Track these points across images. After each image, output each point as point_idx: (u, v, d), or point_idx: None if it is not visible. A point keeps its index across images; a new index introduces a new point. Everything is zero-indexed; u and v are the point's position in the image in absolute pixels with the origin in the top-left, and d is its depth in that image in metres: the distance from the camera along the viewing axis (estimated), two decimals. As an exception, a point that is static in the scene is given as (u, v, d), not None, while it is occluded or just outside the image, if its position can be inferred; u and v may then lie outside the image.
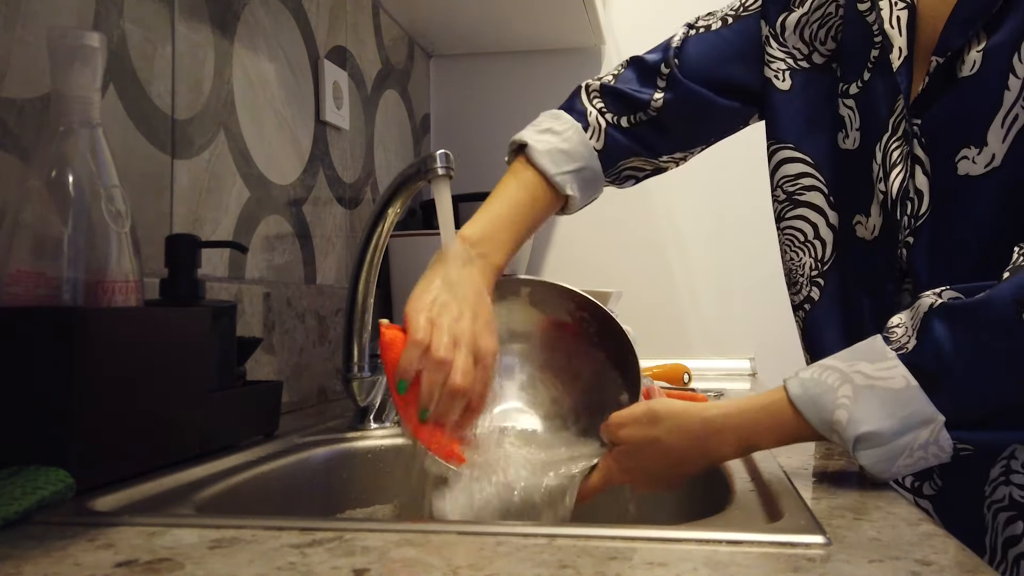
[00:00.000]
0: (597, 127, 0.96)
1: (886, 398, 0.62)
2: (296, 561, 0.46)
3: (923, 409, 0.61)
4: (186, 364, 0.74)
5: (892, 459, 0.62)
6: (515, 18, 1.80)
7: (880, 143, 0.81)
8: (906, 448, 0.61)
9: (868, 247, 0.84)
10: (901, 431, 0.61)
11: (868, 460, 0.62)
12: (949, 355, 0.61)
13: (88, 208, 0.66)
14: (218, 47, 1.07)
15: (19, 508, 0.54)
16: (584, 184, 0.95)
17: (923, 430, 0.61)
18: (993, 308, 0.61)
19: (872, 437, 0.62)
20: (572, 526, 0.53)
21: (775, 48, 0.92)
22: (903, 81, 0.79)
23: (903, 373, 0.62)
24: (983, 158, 0.74)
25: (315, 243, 1.34)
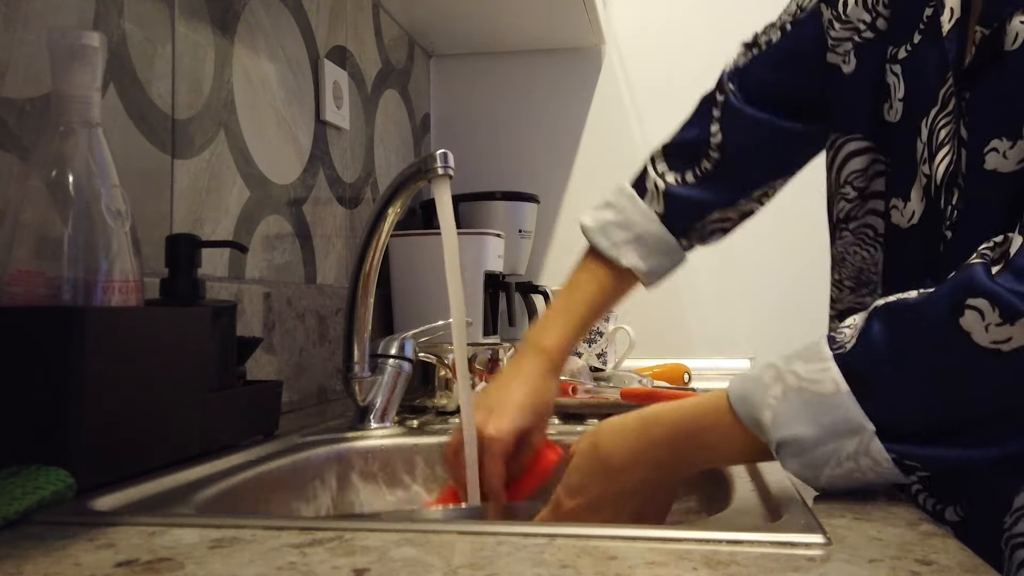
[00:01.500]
0: (655, 191, 0.91)
1: (812, 402, 0.57)
2: (296, 561, 0.46)
3: (850, 417, 0.56)
4: (186, 364, 0.74)
5: (816, 467, 0.57)
6: (515, 18, 1.80)
7: (927, 118, 0.71)
8: (831, 457, 0.57)
9: (902, 236, 0.75)
10: (824, 439, 0.57)
11: (792, 467, 0.58)
12: (881, 358, 0.56)
13: (88, 208, 0.66)
14: (218, 47, 1.07)
15: (19, 508, 0.54)
16: (647, 251, 0.89)
17: (849, 440, 0.56)
18: (928, 312, 0.56)
19: (793, 443, 0.58)
20: (572, 526, 0.53)
21: (838, 29, 0.81)
22: (952, 48, 0.68)
23: (834, 376, 0.57)
24: (1016, 153, 0.63)
25: (315, 243, 1.34)
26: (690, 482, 0.86)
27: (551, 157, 2.02)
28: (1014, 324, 0.53)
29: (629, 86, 2.00)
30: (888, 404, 0.56)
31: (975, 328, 0.54)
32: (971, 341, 0.54)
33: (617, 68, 2.01)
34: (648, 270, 0.91)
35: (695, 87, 2.16)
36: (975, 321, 0.54)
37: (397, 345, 1.05)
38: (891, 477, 0.57)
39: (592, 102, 2.01)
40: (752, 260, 1.89)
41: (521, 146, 2.03)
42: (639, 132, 1.99)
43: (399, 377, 1.03)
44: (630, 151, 1.98)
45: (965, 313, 0.54)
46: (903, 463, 0.56)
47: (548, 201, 1.99)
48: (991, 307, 0.53)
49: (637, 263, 0.89)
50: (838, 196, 0.83)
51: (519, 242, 1.83)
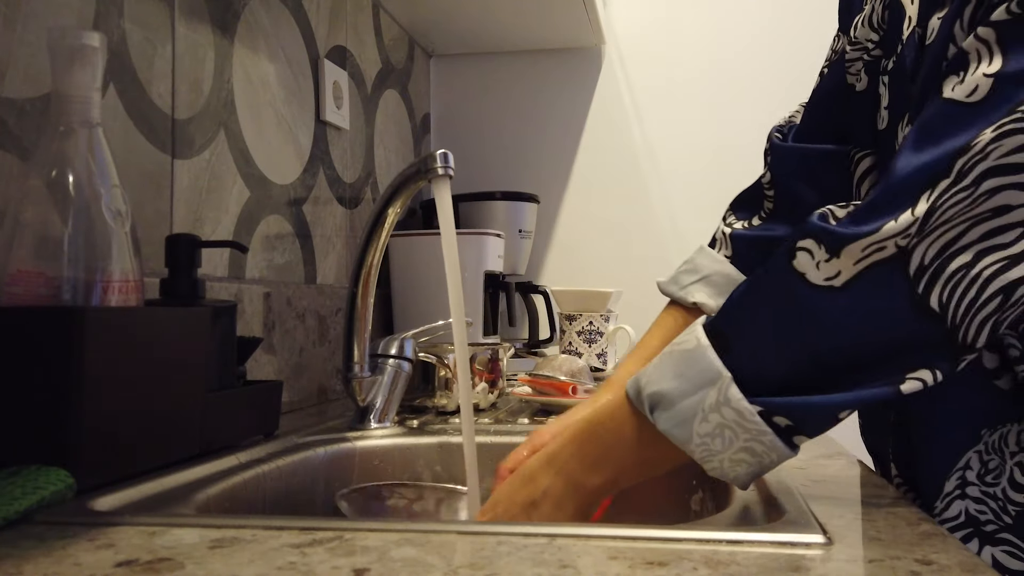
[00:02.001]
0: (723, 238, 0.96)
1: (677, 360, 0.59)
2: (296, 561, 0.46)
3: (709, 366, 0.57)
4: (186, 364, 0.74)
5: (686, 423, 0.57)
6: (515, 18, 1.80)
7: (903, 121, 0.75)
8: (697, 409, 0.57)
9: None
10: (688, 391, 0.58)
11: (664, 425, 0.58)
12: (735, 314, 0.59)
13: (88, 208, 0.66)
14: (218, 47, 1.08)
15: (19, 508, 0.54)
16: (716, 290, 0.92)
17: (711, 389, 0.57)
18: (770, 264, 0.58)
19: (661, 398, 0.59)
20: (572, 526, 0.53)
21: (851, 51, 0.85)
22: (910, 53, 0.72)
23: (697, 335, 0.59)
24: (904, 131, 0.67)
25: (315, 243, 1.34)
26: (690, 482, 0.86)
27: (551, 157, 2.02)
28: (840, 256, 0.54)
29: (629, 86, 2.00)
30: (744, 355, 0.57)
31: (808, 268, 0.55)
32: (806, 281, 0.55)
33: (617, 68, 2.01)
34: (717, 307, 0.91)
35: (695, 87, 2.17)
36: (806, 260, 0.55)
37: (397, 345, 1.05)
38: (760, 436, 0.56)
39: (592, 102, 2.01)
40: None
41: (521, 146, 2.03)
42: (639, 132, 1.99)
43: (399, 377, 1.04)
44: (630, 151, 1.99)
45: (797, 255, 0.56)
46: (772, 419, 0.55)
47: (548, 201, 1.99)
48: (817, 244, 0.55)
49: (705, 300, 0.92)
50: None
51: (519, 242, 1.83)
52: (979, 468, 0.68)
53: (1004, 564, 0.66)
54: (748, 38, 1.94)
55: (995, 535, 0.67)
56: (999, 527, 0.67)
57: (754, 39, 1.94)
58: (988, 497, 0.67)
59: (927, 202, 0.52)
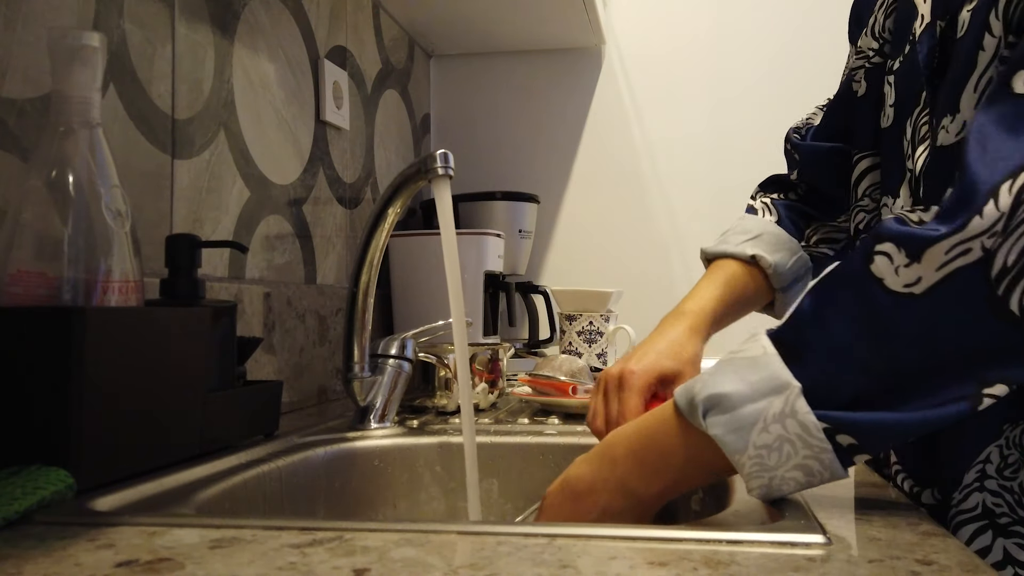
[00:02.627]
0: (764, 207, 0.97)
1: (740, 366, 0.57)
2: (296, 561, 0.46)
3: (776, 375, 0.55)
4: (186, 364, 0.74)
5: (744, 430, 0.55)
6: (515, 18, 1.80)
7: (911, 118, 0.75)
8: (758, 417, 0.55)
9: None
10: (751, 396, 0.55)
11: (718, 429, 0.56)
12: (807, 322, 0.56)
13: (88, 208, 0.66)
14: (218, 47, 1.08)
15: (19, 508, 0.54)
16: (770, 247, 0.92)
17: (776, 398, 0.55)
18: (844, 268, 0.56)
19: (720, 401, 0.56)
20: (572, 526, 0.53)
21: (855, 59, 0.88)
22: (922, 49, 0.73)
23: (763, 344, 0.58)
24: (955, 126, 0.67)
25: (315, 243, 1.34)
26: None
27: (551, 157, 2.02)
28: (920, 261, 0.52)
29: (629, 86, 2.00)
30: (815, 366, 0.55)
31: (886, 273, 0.54)
32: (884, 287, 0.54)
33: (617, 68, 2.01)
34: (775, 263, 0.92)
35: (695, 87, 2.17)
36: (885, 266, 0.54)
37: (397, 345, 1.05)
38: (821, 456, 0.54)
39: (592, 102, 2.01)
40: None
41: (521, 146, 2.03)
42: (639, 132, 1.99)
43: (399, 377, 1.04)
44: (630, 151, 1.99)
45: (875, 260, 0.54)
46: (835, 438, 0.54)
47: (548, 201, 1.99)
48: (897, 248, 0.54)
49: (763, 254, 0.91)
50: (857, 208, 0.88)
51: (519, 242, 1.83)
52: (999, 462, 0.68)
53: (1015, 556, 0.67)
54: (748, 38, 1.94)
55: (1008, 527, 0.67)
56: (1013, 520, 0.67)
57: (754, 39, 1.94)
58: (1005, 491, 0.68)
59: (1010, 195, 0.51)
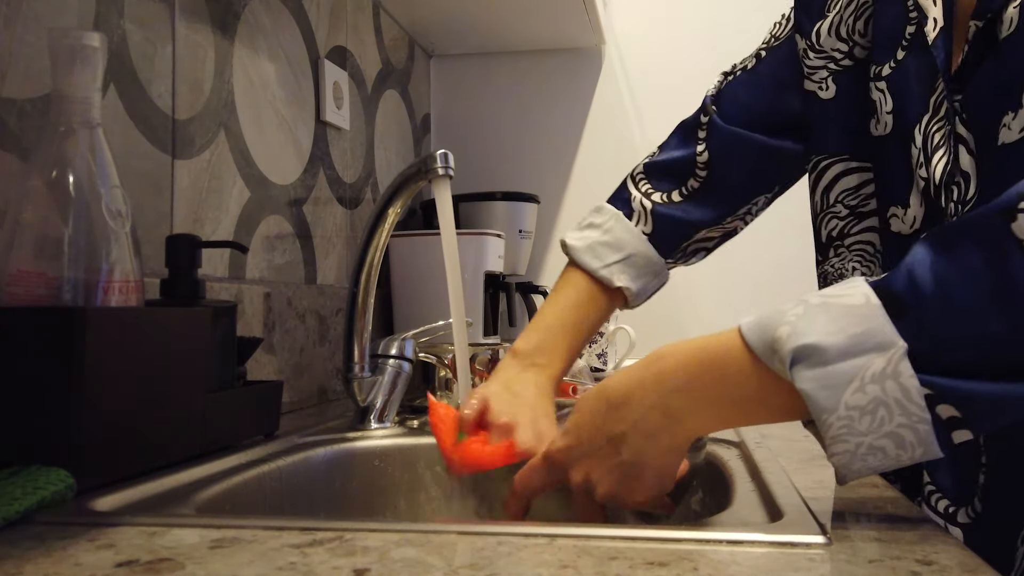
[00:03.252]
0: (642, 211, 0.92)
1: (838, 314, 0.51)
2: (297, 561, 0.46)
3: (881, 329, 0.49)
4: (186, 364, 0.74)
5: (837, 388, 0.49)
6: (515, 18, 1.80)
7: (920, 125, 0.72)
8: (856, 375, 0.49)
9: (906, 242, 0.74)
10: (850, 351, 0.49)
11: (808, 383, 0.50)
12: (922, 276, 0.50)
13: (88, 208, 0.66)
14: (218, 47, 1.08)
15: (19, 508, 0.54)
16: (637, 272, 0.90)
17: (878, 356, 0.49)
18: (976, 222, 0.50)
19: (813, 352, 0.50)
20: (573, 526, 0.53)
21: (813, 58, 0.85)
22: (940, 54, 0.70)
23: (864, 291, 0.51)
24: (1018, 122, 0.63)
25: (315, 243, 1.34)
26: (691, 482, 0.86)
27: (551, 157, 2.02)
28: None
29: (629, 86, 2.00)
30: (925, 324, 0.49)
31: None
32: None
33: (617, 68, 2.01)
34: (638, 291, 0.91)
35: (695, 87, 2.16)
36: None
37: (397, 345, 1.05)
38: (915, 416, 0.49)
39: (592, 102, 2.01)
40: (752, 260, 1.89)
41: (521, 146, 2.03)
42: (639, 132, 1.99)
43: (399, 377, 1.04)
44: (630, 151, 1.98)
45: (1018, 218, 0.48)
46: (935, 409, 0.49)
47: (548, 201, 1.99)
48: None
49: (628, 284, 0.89)
50: (827, 215, 0.85)
51: (519, 242, 1.83)
52: None
53: None
54: (748, 38, 1.94)
55: None
56: None
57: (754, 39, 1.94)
58: None
59: None
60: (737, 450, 0.84)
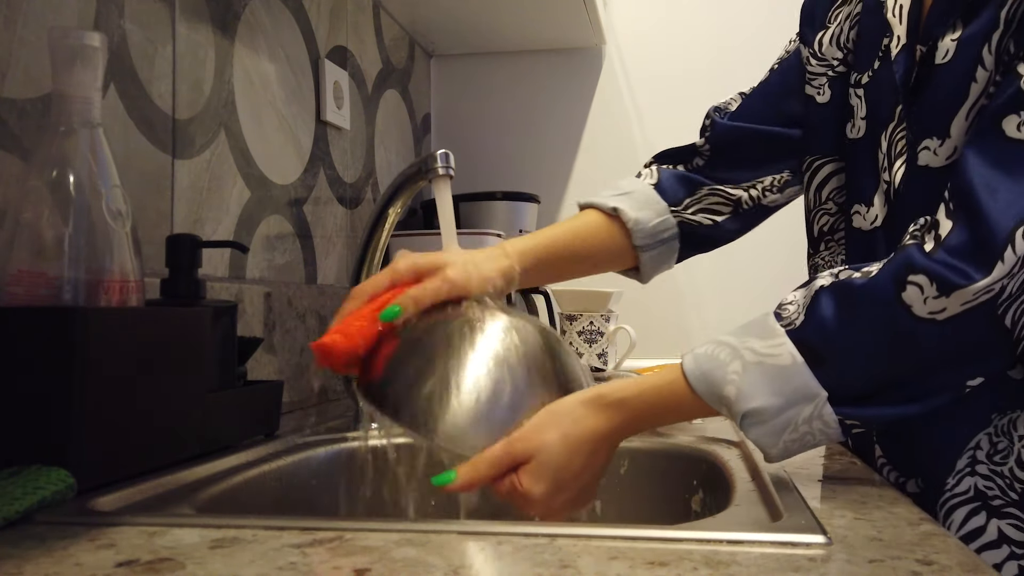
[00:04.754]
0: (648, 172, 0.98)
1: (773, 375, 0.63)
2: (297, 561, 0.46)
3: (806, 384, 0.63)
4: (186, 364, 0.74)
5: (777, 434, 0.63)
6: (515, 18, 1.80)
7: (886, 131, 0.80)
8: (790, 423, 0.63)
9: (865, 237, 0.83)
10: (785, 407, 0.63)
11: (754, 435, 0.64)
12: (832, 332, 0.63)
13: (89, 208, 0.66)
14: (219, 47, 1.08)
15: (20, 508, 0.54)
16: (636, 204, 0.93)
17: (806, 406, 0.63)
18: (873, 290, 0.63)
19: (758, 413, 0.63)
20: (573, 526, 0.53)
21: (814, 65, 0.92)
22: (899, 69, 0.78)
23: (790, 350, 0.64)
24: (945, 150, 0.73)
25: (316, 243, 1.34)
26: (690, 482, 0.86)
27: (551, 157, 2.02)
28: (949, 296, 0.61)
29: (629, 86, 2.00)
30: (838, 372, 0.63)
31: (915, 302, 0.61)
32: (912, 313, 0.61)
33: (617, 68, 2.01)
34: (636, 218, 0.92)
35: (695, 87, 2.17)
36: (915, 295, 0.61)
37: (397, 345, 1.05)
38: (834, 437, 0.65)
39: (592, 102, 2.01)
40: (752, 260, 1.89)
41: (521, 146, 2.03)
42: (639, 132, 1.99)
43: (399, 377, 1.03)
44: (630, 151, 1.98)
45: (907, 288, 0.61)
46: (845, 423, 0.63)
47: (548, 201, 1.99)
48: (929, 282, 0.61)
49: (625, 208, 0.91)
50: (820, 212, 0.91)
51: (519, 242, 1.83)
52: (988, 448, 0.74)
53: (1009, 535, 0.73)
54: (748, 38, 1.94)
55: (1002, 509, 0.73)
56: (1006, 502, 0.73)
57: (754, 39, 1.94)
58: (996, 475, 0.74)
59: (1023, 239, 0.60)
60: (737, 450, 0.84)
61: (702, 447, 0.87)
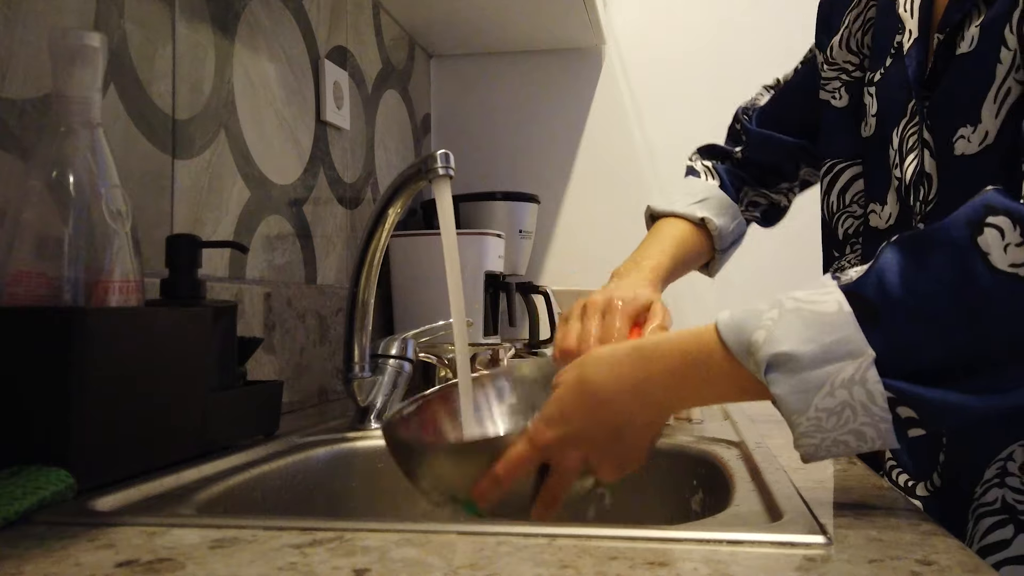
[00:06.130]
0: (707, 170, 1.04)
1: (812, 321, 0.53)
2: (297, 561, 0.46)
3: (852, 337, 0.52)
4: (186, 364, 0.74)
5: (807, 392, 0.52)
6: (515, 18, 1.80)
7: (897, 128, 0.79)
8: (826, 381, 0.52)
9: (881, 236, 0.82)
10: (822, 359, 0.52)
11: (780, 389, 0.53)
12: (892, 282, 0.53)
13: (88, 208, 0.66)
14: (219, 47, 1.08)
15: (20, 508, 0.54)
16: (716, 210, 0.98)
17: (848, 363, 0.52)
18: (943, 233, 0.53)
19: (787, 360, 0.53)
20: (573, 526, 0.53)
21: (827, 71, 0.93)
22: (911, 64, 0.77)
23: (838, 298, 0.54)
24: (977, 136, 0.70)
25: (316, 243, 1.34)
26: (691, 482, 0.86)
27: (551, 157, 2.02)
28: None
29: (629, 86, 2.00)
30: (893, 333, 0.52)
31: (994, 247, 0.51)
32: (989, 263, 0.51)
33: (617, 68, 2.01)
34: (721, 225, 0.98)
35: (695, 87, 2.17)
36: (994, 240, 0.51)
37: (397, 345, 1.05)
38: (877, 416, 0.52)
39: (592, 102, 2.01)
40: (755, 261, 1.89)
41: (521, 146, 2.03)
42: (639, 132, 1.99)
43: (399, 377, 1.03)
44: (630, 151, 1.98)
45: (984, 231, 0.51)
46: (896, 409, 0.52)
47: (548, 201, 1.99)
48: (1012, 225, 0.51)
49: (711, 216, 0.96)
50: (844, 214, 0.91)
51: (519, 242, 1.83)
52: (1022, 460, 0.70)
53: None
54: (748, 38, 1.94)
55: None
56: None
57: (754, 39, 1.94)
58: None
59: None
60: (737, 450, 0.84)
61: (702, 447, 0.87)
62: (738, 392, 0.58)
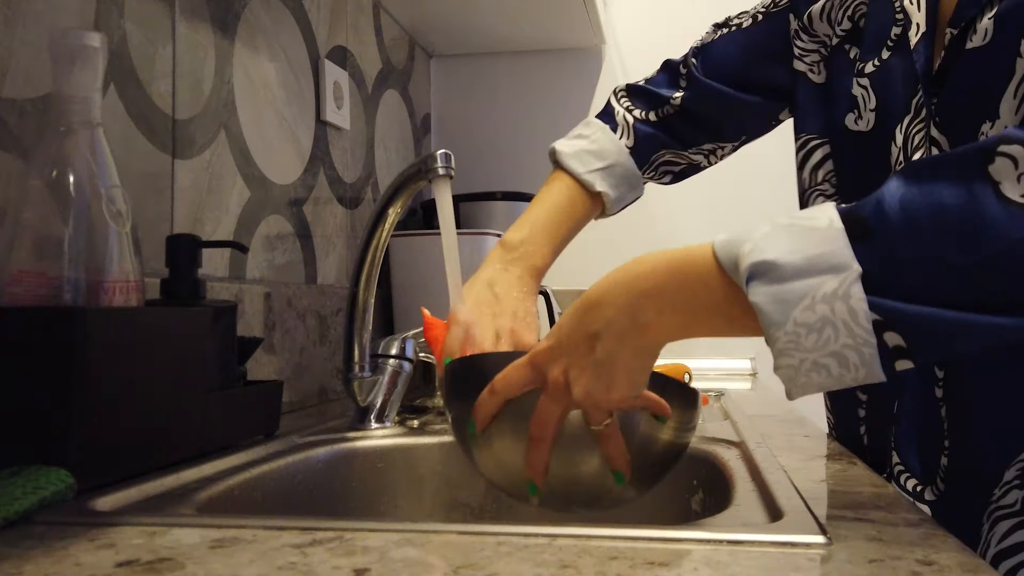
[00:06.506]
0: (625, 125, 0.98)
1: (799, 234, 0.51)
2: (297, 561, 0.46)
3: (837, 252, 0.50)
4: (186, 364, 0.74)
5: (786, 304, 0.50)
6: (515, 18, 1.80)
7: (901, 125, 0.77)
8: (807, 293, 0.49)
9: None
10: (804, 270, 0.50)
11: (760, 297, 0.50)
12: (890, 203, 0.50)
13: (89, 208, 0.66)
14: (219, 47, 1.08)
15: (20, 508, 0.54)
16: (616, 181, 0.95)
17: (831, 277, 0.49)
18: (954, 158, 0.51)
19: (769, 269, 0.50)
20: (573, 526, 0.53)
21: (806, 40, 0.90)
22: (920, 59, 0.74)
23: (830, 215, 0.52)
24: (996, 131, 0.66)
25: (316, 243, 1.34)
26: (690, 482, 0.86)
27: (551, 157, 2.02)
28: None
29: (629, 86, 2.00)
30: (885, 250, 0.50)
31: (1005, 177, 0.49)
32: (999, 192, 0.48)
33: (617, 68, 2.01)
34: (615, 198, 0.96)
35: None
36: (1006, 169, 0.49)
37: (397, 345, 1.05)
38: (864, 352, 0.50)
39: (592, 102, 2.01)
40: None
41: (521, 146, 2.03)
42: (639, 132, 1.99)
43: (399, 377, 1.03)
44: (630, 151, 1.98)
45: (995, 160, 0.49)
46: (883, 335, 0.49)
47: (548, 201, 1.99)
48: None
49: (607, 190, 0.94)
50: (814, 191, 0.90)
51: (519, 242, 1.83)
52: None
53: None
54: (748, 38, 1.94)
55: None
56: None
57: (754, 39, 1.94)
58: None
59: None
60: (737, 450, 0.84)
61: (702, 447, 0.87)
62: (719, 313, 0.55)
